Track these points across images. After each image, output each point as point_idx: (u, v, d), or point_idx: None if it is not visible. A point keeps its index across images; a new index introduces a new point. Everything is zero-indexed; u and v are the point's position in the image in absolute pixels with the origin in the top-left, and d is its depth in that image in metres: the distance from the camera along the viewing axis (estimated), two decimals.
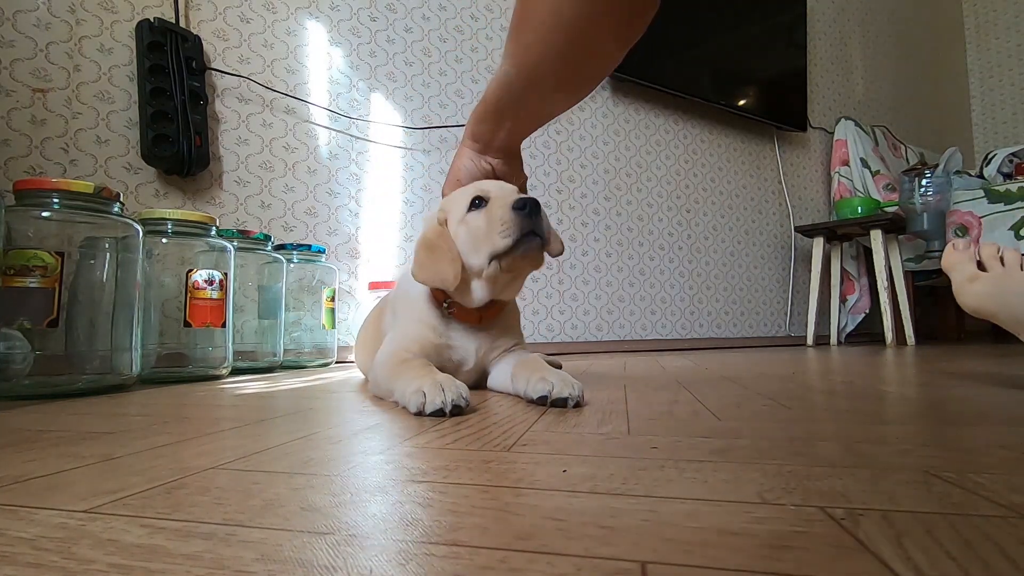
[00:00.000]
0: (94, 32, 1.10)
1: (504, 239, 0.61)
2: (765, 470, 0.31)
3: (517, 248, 0.61)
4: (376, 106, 1.46)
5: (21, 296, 0.70)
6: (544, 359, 0.94)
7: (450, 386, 0.52)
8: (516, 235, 0.61)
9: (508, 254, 0.62)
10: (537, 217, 0.61)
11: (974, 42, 3.66)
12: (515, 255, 0.62)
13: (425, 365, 0.60)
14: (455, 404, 0.50)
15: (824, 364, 1.14)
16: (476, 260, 0.64)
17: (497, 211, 0.62)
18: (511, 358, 0.70)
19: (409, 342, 0.68)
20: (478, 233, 0.64)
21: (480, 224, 0.64)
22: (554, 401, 0.55)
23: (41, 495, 0.28)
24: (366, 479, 0.30)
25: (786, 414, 0.50)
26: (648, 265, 1.96)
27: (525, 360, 0.66)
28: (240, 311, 1.08)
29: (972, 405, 0.55)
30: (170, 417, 0.52)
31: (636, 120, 1.96)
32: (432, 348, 0.68)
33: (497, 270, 0.64)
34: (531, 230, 0.61)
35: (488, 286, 0.66)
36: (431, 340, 0.68)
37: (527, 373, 0.60)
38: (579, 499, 0.26)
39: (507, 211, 0.61)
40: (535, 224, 0.61)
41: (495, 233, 0.62)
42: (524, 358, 0.67)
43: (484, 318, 0.70)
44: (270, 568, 0.19)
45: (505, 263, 0.63)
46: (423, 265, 0.66)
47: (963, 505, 0.25)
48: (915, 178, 1.98)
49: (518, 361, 0.66)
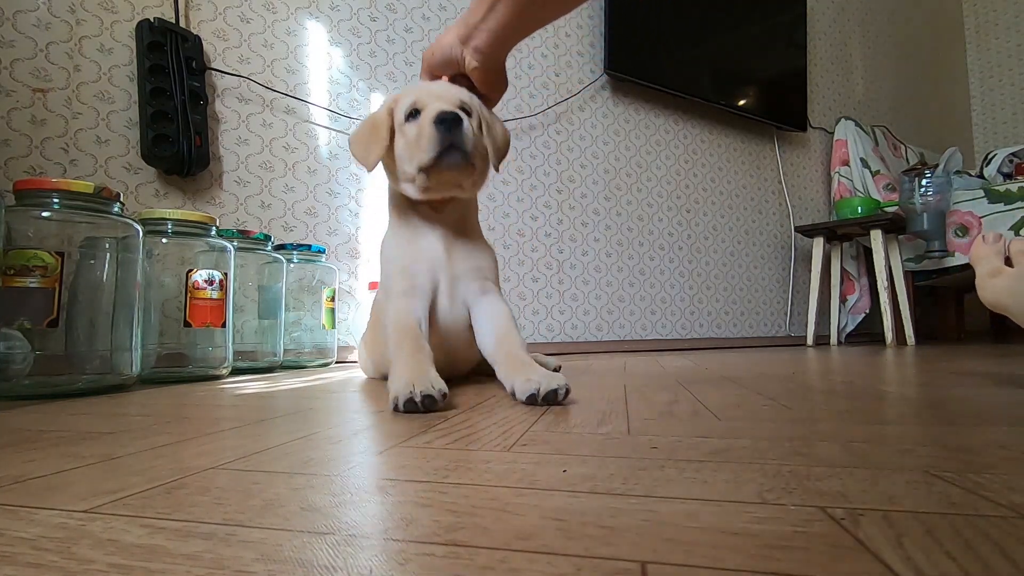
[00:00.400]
0: (94, 32, 1.10)
1: (426, 154, 0.65)
2: (765, 470, 0.31)
3: (439, 162, 0.65)
4: (376, 106, 1.46)
5: (21, 296, 0.70)
6: (541, 357, 0.95)
7: (423, 383, 0.53)
8: (436, 150, 0.64)
9: (432, 168, 0.66)
10: (458, 130, 0.64)
11: (974, 42, 3.66)
12: (439, 169, 0.66)
13: (415, 351, 0.62)
14: (426, 395, 0.52)
15: (824, 364, 1.14)
16: (409, 168, 0.68)
17: (424, 124, 0.65)
18: (492, 312, 0.72)
19: (396, 278, 0.71)
20: (410, 143, 0.67)
21: (412, 135, 0.67)
22: (545, 397, 0.56)
23: (41, 495, 0.28)
24: (366, 479, 0.30)
25: (786, 414, 0.50)
26: (648, 265, 1.96)
27: (508, 351, 0.66)
28: (240, 311, 1.08)
29: (972, 405, 0.55)
30: (170, 417, 0.52)
31: (636, 120, 1.96)
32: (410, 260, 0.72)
33: (426, 182, 0.68)
34: (451, 144, 0.64)
35: (423, 193, 0.70)
36: (410, 253, 0.72)
37: (512, 372, 0.62)
38: (579, 499, 0.26)
39: (428, 125, 0.64)
40: (455, 138, 0.64)
41: (421, 147, 0.65)
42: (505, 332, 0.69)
43: (439, 209, 0.74)
44: (270, 568, 0.19)
45: (432, 177, 0.67)
46: (358, 139, 0.72)
47: (963, 505, 0.25)
48: (915, 178, 1.98)
49: (503, 354, 0.67)
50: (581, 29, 1.84)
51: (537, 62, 1.74)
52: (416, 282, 0.71)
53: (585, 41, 1.84)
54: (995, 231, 0.78)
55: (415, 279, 0.71)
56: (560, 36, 1.79)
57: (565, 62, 1.80)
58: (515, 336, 0.69)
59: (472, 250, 0.75)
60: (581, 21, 1.84)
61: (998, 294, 0.69)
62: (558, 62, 1.78)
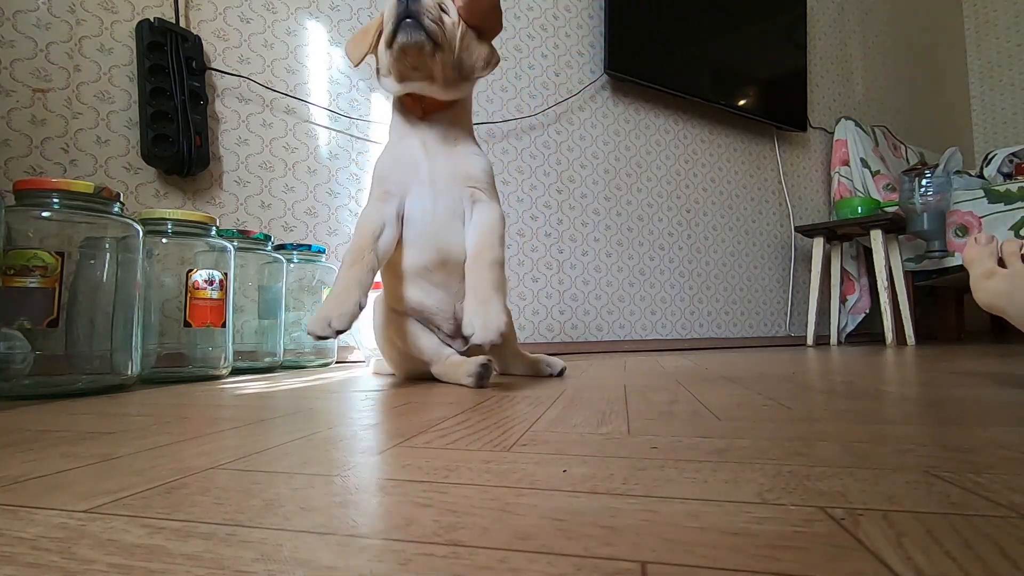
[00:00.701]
0: (94, 32, 1.10)
1: (389, 24, 0.68)
2: (765, 470, 0.31)
3: (397, 35, 0.68)
4: (376, 106, 1.46)
5: (21, 296, 0.70)
6: (546, 358, 0.94)
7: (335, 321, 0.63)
8: (395, 18, 0.67)
9: (394, 39, 0.68)
10: (416, 4, 0.67)
11: (974, 42, 3.66)
12: (399, 38, 0.68)
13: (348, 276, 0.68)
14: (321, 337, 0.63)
15: (824, 364, 1.14)
16: (385, 57, 0.72)
17: (386, 12, 0.70)
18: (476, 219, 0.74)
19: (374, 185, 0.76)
20: (385, 28, 0.71)
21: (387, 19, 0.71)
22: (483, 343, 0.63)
23: (41, 495, 0.28)
24: (366, 479, 0.30)
25: (786, 414, 0.50)
26: (648, 265, 1.96)
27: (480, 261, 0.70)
28: (240, 311, 1.08)
29: (972, 405, 0.55)
30: (170, 417, 0.52)
31: (636, 120, 1.96)
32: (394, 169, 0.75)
33: (391, 57, 0.71)
34: (407, 15, 0.67)
35: (399, 80, 0.73)
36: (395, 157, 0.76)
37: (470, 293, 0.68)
38: (579, 499, 0.26)
39: (392, 1, 0.68)
40: (411, 9, 0.67)
41: (385, 25, 0.70)
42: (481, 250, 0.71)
43: (427, 112, 0.77)
44: (270, 568, 0.19)
45: (396, 48, 0.69)
46: (352, 41, 0.79)
47: (963, 505, 0.25)
48: (915, 178, 1.98)
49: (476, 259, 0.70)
50: (581, 29, 1.84)
51: (537, 62, 1.74)
52: (388, 187, 0.74)
53: (585, 41, 1.84)
54: (987, 233, 0.78)
55: (387, 184, 0.74)
56: (560, 36, 1.80)
57: (565, 62, 1.80)
58: (489, 248, 0.71)
59: (457, 157, 0.77)
60: (581, 21, 1.84)
61: (993, 296, 0.69)
62: (558, 62, 1.78)
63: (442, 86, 0.74)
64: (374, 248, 0.70)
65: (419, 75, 0.73)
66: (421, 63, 0.71)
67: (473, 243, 0.72)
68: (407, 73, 0.72)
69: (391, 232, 0.72)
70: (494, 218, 0.74)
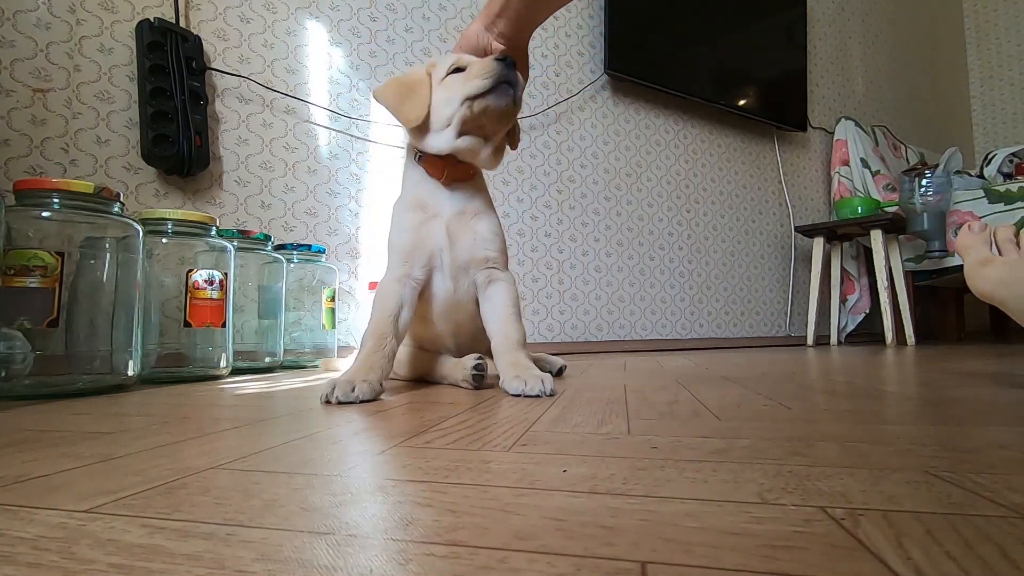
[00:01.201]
0: (94, 32, 1.10)
1: (482, 80, 0.67)
2: (765, 470, 0.31)
3: (491, 93, 0.67)
4: (376, 106, 1.46)
5: (21, 296, 0.70)
6: (547, 356, 0.95)
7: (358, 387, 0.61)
8: (495, 78, 0.67)
9: (483, 96, 0.68)
10: (514, 72, 0.68)
11: (974, 42, 3.66)
12: (488, 100, 0.68)
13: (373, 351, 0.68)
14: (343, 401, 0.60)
15: (824, 364, 1.14)
16: (449, 109, 0.70)
17: (476, 67, 0.69)
18: (499, 301, 0.75)
19: (394, 250, 0.75)
20: (454, 87, 0.70)
21: (457, 82, 0.70)
22: (527, 395, 0.63)
23: (41, 495, 0.28)
24: (366, 479, 0.30)
25: (786, 414, 0.50)
26: (648, 265, 1.96)
27: (505, 339, 0.72)
28: (240, 311, 1.08)
29: (972, 405, 0.55)
30: (170, 417, 0.52)
31: (636, 120, 1.96)
32: (413, 235, 0.74)
33: (468, 113, 0.69)
34: (507, 80, 0.67)
35: (456, 135, 0.71)
36: (413, 223, 0.74)
37: (506, 367, 0.68)
38: (579, 499, 0.26)
39: (488, 61, 0.68)
40: (511, 75, 0.68)
41: (474, 78, 0.68)
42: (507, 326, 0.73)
43: (449, 176, 0.75)
44: (270, 568, 0.19)
45: (477, 106, 0.68)
46: (390, 90, 0.74)
47: (963, 505, 0.25)
48: (915, 178, 1.98)
49: (500, 341, 0.72)
50: (581, 29, 1.84)
51: (537, 62, 1.74)
52: (409, 271, 0.74)
53: (585, 41, 1.84)
54: (981, 221, 0.77)
55: (408, 268, 0.74)
56: (560, 36, 1.80)
57: (565, 62, 1.80)
58: (514, 329, 0.73)
59: (477, 238, 0.76)
60: (581, 21, 1.84)
61: (992, 284, 0.68)
62: (558, 62, 1.78)
63: (491, 150, 0.75)
64: (395, 332, 0.70)
65: (481, 134, 0.73)
66: (492, 125, 0.72)
67: (499, 326, 0.73)
68: (471, 130, 0.72)
69: (408, 312, 0.73)
70: (512, 296, 0.76)
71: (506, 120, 0.72)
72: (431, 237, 0.74)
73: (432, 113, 0.72)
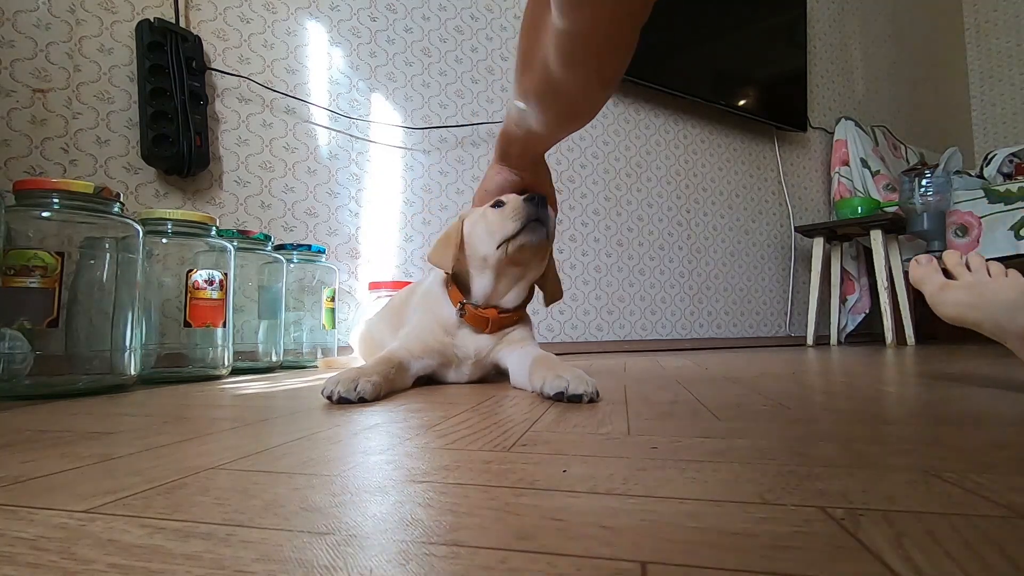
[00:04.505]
0: (94, 32, 1.10)
1: (513, 223, 0.70)
2: (765, 470, 0.31)
3: (523, 233, 0.70)
4: (376, 106, 1.46)
5: (21, 296, 0.70)
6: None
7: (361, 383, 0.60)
8: (523, 220, 0.70)
9: (515, 238, 0.71)
10: (544, 209, 0.71)
11: (974, 42, 3.66)
12: (521, 240, 0.71)
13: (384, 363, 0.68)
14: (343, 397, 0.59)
15: (824, 364, 1.14)
16: (486, 248, 0.73)
17: (511, 205, 0.72)
18: (525, 354, 0.74)
19: (413, 341, 0.76)
20: (493, 225, 0.73)
21: (495, 218, 0.73)
22: (570, 397, 0.58)
23: (41, 495, 0.28)
24: (366, 479, 0.30)
25: (786, 414, 0.50)
26: (648, 265, 1.96)
27: (540, 357, 0.71)
28: (240, 311, 1.08)
29: (972, 405, 0.55)
30: (170, 417, 0.52)
31: (636, 120, 1.96)
32: (437, 345, 0.76)
33: (504, 255, 0.72)
34: (536, 218, 0.70)
35: (495, 275, 0.75)
36: (438, 338, 0.77)
37: (544, 371, 0.64)
38: (579, 499, 0.26)
39: (518, 201, 0.71)
40: (540, 213, 0.71)
41: (507, 221, 0.71)
42: (539, 355, 0.72)
43: (493, 328, 0.77)
44: (270, 568, 0.19)
45: (512, 247, 0.71)
46: (435, 250, 0.79)
47: (963, 505, 0.25)
48: (915, 178, 1.98)
49: (534, 359, 0.70)
50: None
51: None
52: (425, 359, 0.76)
53: None
54: (925, 254, 0.79)
55: (425, 358, 0.76)
56: None
57: None
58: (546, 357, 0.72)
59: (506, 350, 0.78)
60: None
61: (958, 309, 0.69)
62: None
63: (526, 283, 0.77)
64: (398, 368, 0.71)
65: (517, 272, 0.75)
66: (532, 254, 0.74)
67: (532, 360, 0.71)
68: (509, 265, 0.74)
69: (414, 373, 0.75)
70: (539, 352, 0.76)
71: (543, 250, 0.75)
72: (452, 358, 0.77)
73: (468, 250, 0.76)
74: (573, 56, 0.52)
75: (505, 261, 0.73)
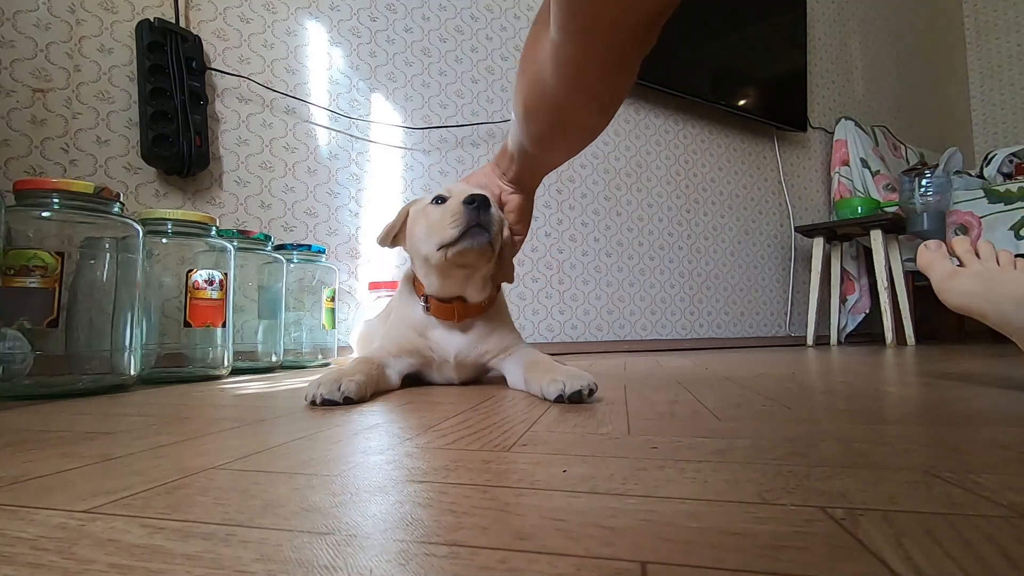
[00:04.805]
0: (94, 32, 1.10)
1: (451, 230, 0.66)
2: (765, 470, 0.31)
3: (463, 239, 0.66)
4: (376, 106, 1.46)
5: (21, 296, 0.69)
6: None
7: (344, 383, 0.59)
8: (462, 226, 0.65)
9: (454, 245, 0.67)
10: (486, 213, 0.66)
11: (974, 42, 3.66)
12: (461, 246, 0.66)
13: (364, 362, 0.67)
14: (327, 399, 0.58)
15: (824, 364, 1.14)
16: (427, 248, 0.70)
17: (450, 207, 0.68)
18: (518, 359, 0.73)
19: (389, 341, 0.76)
20: (433, 226, 0.69)
21: (435, 217, 0.69)
22: (571, 397, 0.57)
23: (41, 495, 0.28)
24: (366, 479, 0.30)
25: (786, 414, 0.50)
26: (648, 265, 1.96)
27: (533, 361, 0.69)
28: (240, 311, 1.08)
29: (972, 405, 0.55)
30: (170, 417, 0.52)
31: (636, 120, 1.96)
32: (411, 346, 0.75)
33: (443, 260, 0.68)
34: (477, 223, 0.66)
35: (440, 277, 0.72)
36: (409, 338, 0.75)
37: (539, 375, 0.63)
38: (579, 499, 0.26)
39: (458, 205, 0.66)
40: (482, 219, 0.66)
41: (446, 226, 0.67)
42: (531, 359, 0.71)
43: (460, 316, 0.74)
44: (270, 568, 0.19)
45: (452, 253, 0.67)
46: (380, 232, 0.78)
47: (963, 505, 0.25)
48: (915, 178, 1.98)
49: (525, 364, 0.69)
50: None
51: None
52: (410, 360, 0.75)
53: None
54: (985, 234, 0.78)
55: (405, 358, 0.75)
56: None
57: None
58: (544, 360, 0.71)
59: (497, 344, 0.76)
60: None
61: (968, 299, 0.69)
62: None
63: (475, 282, 0.74)
64: (379, 368, 0.70)
65: (465, 273, 0.72)
66: (473, 261, 0.70)
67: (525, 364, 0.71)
68: (450, 269, 0.71)
69: (397, 373, 0.74)
70: (533, 353, 0.75)
71: (486, 256, 0.69)
72: (431, 358, 0.76)
73: (414, 245, 0.74)
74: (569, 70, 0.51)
75: (447, 264, 0.69)
